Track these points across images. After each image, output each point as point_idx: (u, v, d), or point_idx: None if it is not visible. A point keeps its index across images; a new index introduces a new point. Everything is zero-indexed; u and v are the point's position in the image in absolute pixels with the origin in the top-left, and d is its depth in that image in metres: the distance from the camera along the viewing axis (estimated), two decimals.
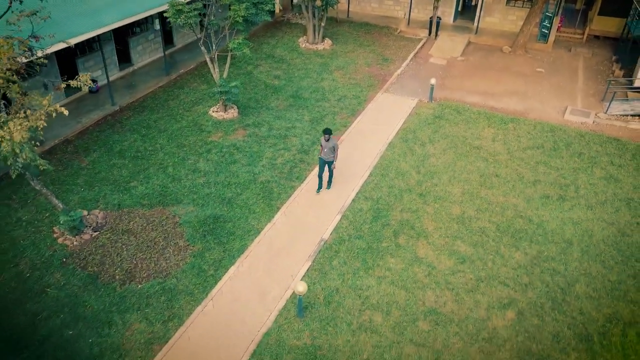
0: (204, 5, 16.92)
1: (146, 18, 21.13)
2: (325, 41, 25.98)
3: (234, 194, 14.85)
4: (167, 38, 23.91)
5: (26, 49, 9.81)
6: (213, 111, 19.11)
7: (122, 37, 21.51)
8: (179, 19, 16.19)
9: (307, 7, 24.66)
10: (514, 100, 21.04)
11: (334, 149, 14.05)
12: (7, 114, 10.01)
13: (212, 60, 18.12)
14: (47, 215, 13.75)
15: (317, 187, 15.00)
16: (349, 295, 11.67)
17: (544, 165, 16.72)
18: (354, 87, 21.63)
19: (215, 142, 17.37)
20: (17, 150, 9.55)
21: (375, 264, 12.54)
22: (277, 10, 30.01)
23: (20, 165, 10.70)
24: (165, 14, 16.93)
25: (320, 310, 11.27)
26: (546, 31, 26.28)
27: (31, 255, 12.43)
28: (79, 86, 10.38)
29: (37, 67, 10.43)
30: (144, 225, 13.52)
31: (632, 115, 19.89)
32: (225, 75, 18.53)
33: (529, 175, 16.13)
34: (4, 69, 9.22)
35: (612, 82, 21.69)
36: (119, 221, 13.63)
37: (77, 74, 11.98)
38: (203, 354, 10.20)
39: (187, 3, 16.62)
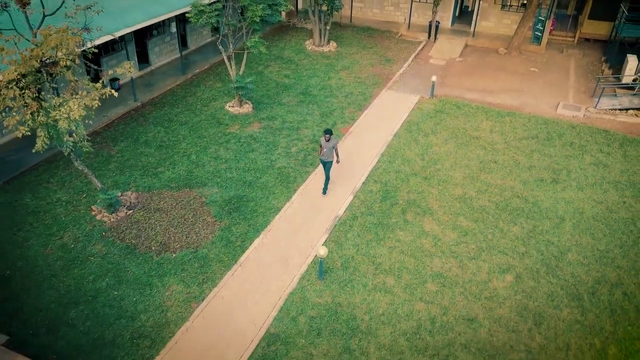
0: (223, 7, 18.27)
1: (163, 21, 22.55)
2: (331, 43, 27.42)
3: (254, 177, 16.14)
4: (182, 40, 25.29)
5: (80, 40, 11.11)
6: (229, 106, 20.44)
7: (141, 39, 22.89)
8: (201, 19, 17.55)
9: (313, 11, 26.11)
10: (510, 97, 22.46)
11: (334, 149, 14.51)
12: (58, 96, 11.29)
13: (229, 58, 19.47)
14: (84, 196, 15.00)
15: (323, 189, 15.47)
16: (364, 262, 12.94)
17: (538, 153, 18.09)
18: (359, 85, 23.03)
19: (233, 133, 18.68)
20: (74, 127, 10.82)
21: (386, 236, 13.82)
22: (283, 15, 31.42)
23: (71, 145, 11.98)
24: (187, 15, 18.31)
25: (338, 274, 12.53)
26: (539, 34, 27.79)
27: (73, 230, 13.66)
28: (123, 73, 11.70)
29: (90, 55, 11.74)
30: (174, 204, 14.79)
31: (619, 109, 21.32)
32: (241, 72, 19.87)
33: (525, 162, 17.49)
34: (67, 55, 10.53)
35: (602, 79, 23.16)
36: (150, 201, 14.89)
37: (100, 72, 13.29)
38: (236, 309, 11.44)
39: (208, 4, 17.97)
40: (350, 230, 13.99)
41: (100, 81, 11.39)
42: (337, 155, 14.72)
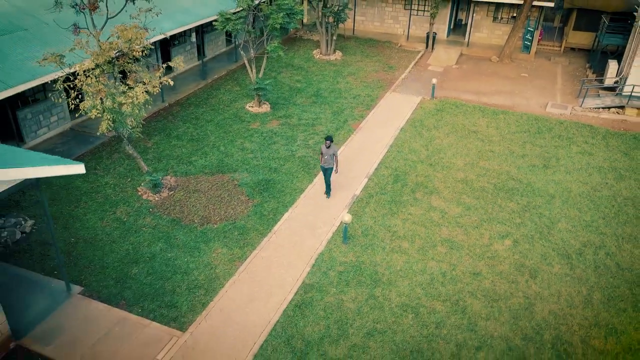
0: (247, 15, 20.39)
1: (185, 31, 24.67)
2: (337, 52, 29.65)
3: (278, 165, 18.09)
4: (199, 50, 27.40)
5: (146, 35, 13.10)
6: (249, 106, 22.47)
7: (165, 48, 24.97)
8: (228, 26, 19.65)
9: (321, 23, 28.37)
10: (503, 98, 24.67)
11: (334, 156, 15.25)
12: (124, 84, 13.26)
13: (249, 61, 21.56)
14: (128, 180, 16.87)
15: (326, 192, 16.19)
16: (381, 230, 14.87)
17: (530, 144, 20.20)
18: (366, 88, 25.17)
19: (255, 129, 20.67)
20: (137, 110, 12.77)
21: (399, 211, 15.78)
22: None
23: (130, 129, 13.92)
24: (214, 23, 20.42)
25: (360, 240, 14.44)
26: (528, 43, 30.20)
27: (124, 207, 15.51)
28: (175, 67, 13.71)
29: (147, 51, 13.74)
30: (210, 186, 16.69)
31: (602, 108, 23.56)
32: (260, 74, 21.95)
33: (518, 151, 19.58)
34: (134, 50, 12.53)
35: (586, 82, 25.46)
36: (188, 184, 16.79)
37: (153, 66, 15.30)
38: (274, 267, 13.29)
39: (233, 13, 20.09)
40: (367, 206, 15.92)
41: (160, 71, 13.39)
42: (337, 164, 15.44)
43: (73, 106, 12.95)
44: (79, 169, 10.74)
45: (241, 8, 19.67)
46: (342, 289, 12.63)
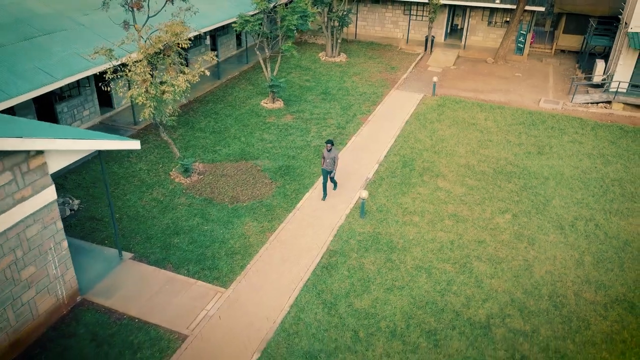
0: (264, 17, 22.10)
1: (199, 35, 26.33)
2: (342, 55, 31.43)
3: (296, 153, 19.72)
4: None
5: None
6: (264, 103, 24.12)
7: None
8: (246, 27, 21.34)
9: (327, 27, 30.16)
10: (499, 95, 26.48)
11: (335, 160, 15.73)
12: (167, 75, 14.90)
13: (265, 60, 23.24)
14: (160, 166, 18.43)
15: (322, 195, 16.65)
16: (393, 207, 16.50)
17: (525, 134, 21.96)
18: (371, 86, 26.92)
19: (272, 122, 22.32)
20: (178, 98, 14.38)
21: (409, 191, 17.43)
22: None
23: (167, 116, 15.52)
24: (233, 25, 22.11)
25: (375, 215, 16.06)
26: (521, 45, 32.12)
27: (159, 189, 17.07)
28: (210, 60, 15.37)
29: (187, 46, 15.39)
30: (235, 171, 18.28)
31: (591, 103, 25.41)
32: (275, 72, 23.64)
33: (515, 140, 21.33)
34: (181, 42, 14.19)
35: (576, 80, 27.33)
36: (215, 169, 18.37)
37: (190, 60, 16.91)
38: (300, 237, 14.87)
39: (252, 15, 21.81)
40: (379, 187, 17.57)
41: (199, 63, 15.04)
42: (336, 167, 15.83)
43: (121, 94, 14.53)
44: (135, 144, 12.32)
45: (258, 10, 21.32)
46: (362, 254, 14.23)
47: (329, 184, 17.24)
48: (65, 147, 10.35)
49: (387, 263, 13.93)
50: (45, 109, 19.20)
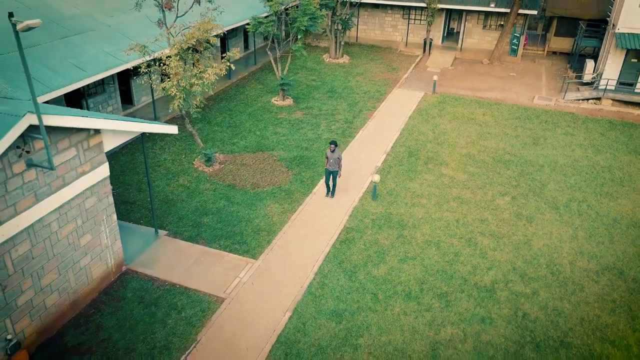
0: (276, 19, 23.55)
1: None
2: (345, 56, 32.95)
3: (308, 144, 21.11)
4: (222, 54, 30.49)
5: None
6: (274, 100, 25.53)
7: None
8: (260, 28, 22.77)
9: (330, 30, 31.68)
10: (495, 93, 28.04)
11: (339, 160, 16.34)
12: (196, 68, 16.29)
13: (275, 60, 24.66)
14: (183, 157, 19.76)
15: (326, 192, 17.34)
16: (402, 191, 17.91)
17: (521, 127, 23.49)
18: (374, 85, 28.42)
19: (283, 118, 23.73)
20: (207, 89, 15.75)
21: (416, 177, 18.85)
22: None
23: (194, 108, 16.88)
24: (247, 26, 23.55)
25: (386, 197, 17.46)
26: (515, 47, 33.78)
27: (184, 176, 18.39)
28: (233, 55, 16.77)
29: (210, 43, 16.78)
30: (254, 161, 19.64)
31: (581, 100, 27.01)
32: (285, 72, 25.06)
33: (512, 133, 22.85)
34: (206, 39, 15.58)
35: (567, 78, 28.96)
36: (235, 159, 19.72)
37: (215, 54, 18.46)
38: (318, 217, 16.23)
39: (265, 17, 23.26)
40: (388, 174, 18.98)
41: (226, 57, 16.45)
42: (340, 167, 16.39)
43: (155, 86, 15.89)
44: (173, 129, 13.68)
45: (271, 13, 22.78)
46: (376, 231, 15.61)
47: (331, 185, 17.31)
48: (119, 127, 11.69)
49: (399, 238, 15.31)
50: (74, 104, 20.49)
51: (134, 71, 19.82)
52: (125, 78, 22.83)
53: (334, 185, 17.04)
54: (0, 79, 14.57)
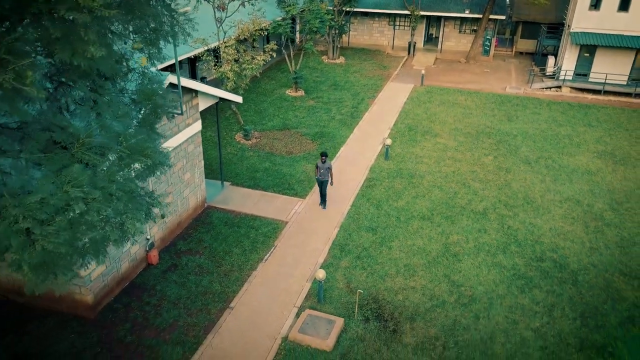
0: (292, 22, 28.02)
1: None
2: (341, 58, 37.62)
3: (325, 123, 25.54)
4: None
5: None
6: (288, 92, 29.93)
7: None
8: (279, 30, 27.22)
9: (328, 34, 36.35)
10: (473, 85, 33.02)
11: (329, 170, 17.03)
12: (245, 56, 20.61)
13: (289, 56, 29.11)
14: (225, 133, 23.92)
15: (320, 201, 18.04)
16: (407, 154, 22.45)
17: (497, 109, 28.40)
18: (370, 80, 33.10)
19: (299, 105, 28.13)
20: (256, 74, 20.06)
21: (417, 145, 23.43)
22: (297, 41, 41.56)
23: (243, 91, 21.16)
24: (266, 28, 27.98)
25: (395, 158, 21.96)
26: (487, 48, 39.01)
27: (229, 147, 22.56)
28: (273, 48, 21.16)
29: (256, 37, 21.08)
30: (283, 136, 23.94)
31: (545, 88, 32.19)
32: (298, 67, 29.51)
33: (490, 113, 27.72)
34: (253, 34, 19.94)
35: (533, 72, 34.18)
36: (267, 135, 23.99)
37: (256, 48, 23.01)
38: (345, 172, 20.58)
39: (282, 20, 27.74)
40: (394, 143, 23.50)
41: (270, 47, 20.81)
42: (331, 176, 17.12)
43: (214, 70, 20.14)
44: (239, 98, 17.92)
45: (287, 16, 27.26)
46: (392, 180, 20.06)
47: (325, 193, 17.66)
48: (209, 91, 15.90)
49: (410, 184, 19.79)
50: None
51: (197, 58, 24.05)
52: (191, 63, 27.03)
53: (324, 195, 17.47)
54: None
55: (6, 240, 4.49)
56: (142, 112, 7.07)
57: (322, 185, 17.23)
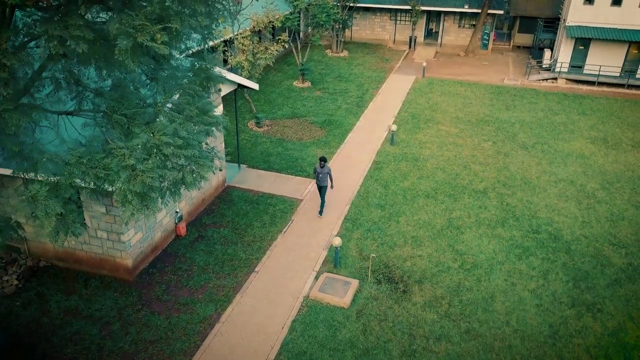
0: (299, 15, 29.30)
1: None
2: (344, 51, 38.89)
3: (332, 112, 26.84)
4: None
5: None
6: (295, 83, 31.21)
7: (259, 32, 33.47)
8: (287, 23, 28.48)
9: (332, 28, 37.62)
10: (472, 77, 34.34)
11: (328, 175, 16.70)
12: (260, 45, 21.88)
13: (296, 49, 30.39)
14: (240, 120, 25.18)
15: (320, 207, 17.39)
16: (411, 140, 23.77)
17: (495, 99, 29.74)
18: (374, 72, 34.40)
19: (306, 95, 29.42)
20: (269, 63, 21.33)
21: (420, 131, 24.76)
22: (302, 36, 42.80)
23: (257, 76, 22.45)
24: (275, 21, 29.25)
25: (401, 143, 23.28)
26: (486, 42, 40.33)
27: (243, 134, 23.84)
28: (285, 39, 22.42)
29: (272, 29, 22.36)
30: (292, 124, 25.22)
31: (542, 80, 33.54)
32: (305, 59, 30.79)
33: (488, 102, 29.06)
34: (267, 25, 21.22)
35: (530, 64, 35.53)
36: (277, 123, 25.28)
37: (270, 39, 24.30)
38: (353, 156, 21.89)
39: (290, 14, 29.01)
40: (399, 130, 24.82)
41: (283, 38, 22.08)
42: (331, 180, 16.94)
43: (230, 59, 21.41)
44: (255, 85, 19.21)
45: (296, 10, 28.54)
46: (397, 163, 21.39)
47: (324, 199, 17.30)
48: (230, 77, 17.19)
49: (415, 167, 21.12)
50: None
51: (214, 49, 25.29)
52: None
53: (323, 201, 17.08)
54: None
55: (116, 175, 5.76)
56: (197, 82, 8.36)
57: (322, 190, 16.85)
